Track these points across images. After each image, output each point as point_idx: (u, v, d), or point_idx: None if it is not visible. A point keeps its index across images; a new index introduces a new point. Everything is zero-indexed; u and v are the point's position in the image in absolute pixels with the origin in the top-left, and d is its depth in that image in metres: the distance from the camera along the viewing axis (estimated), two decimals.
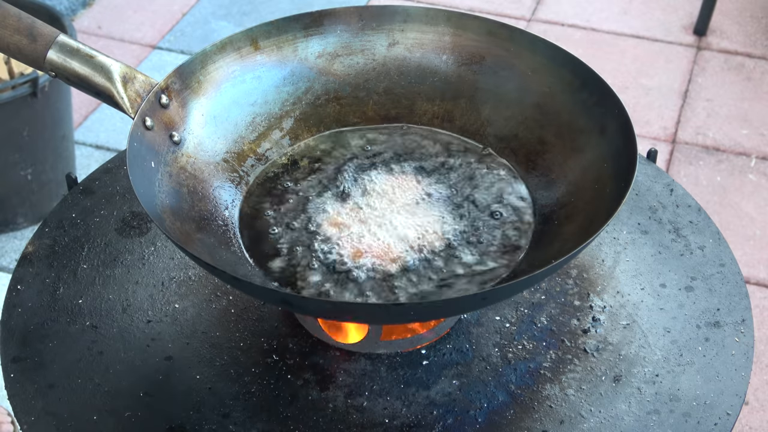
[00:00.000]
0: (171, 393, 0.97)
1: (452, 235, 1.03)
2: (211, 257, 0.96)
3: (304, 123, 1.15)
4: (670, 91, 2.55)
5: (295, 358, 1.01)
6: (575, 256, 0.90)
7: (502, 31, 1.14)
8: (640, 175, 1.22)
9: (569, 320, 1.05)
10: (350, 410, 0.96)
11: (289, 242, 1.02)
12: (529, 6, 2.88)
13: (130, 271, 1.10)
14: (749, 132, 2.43)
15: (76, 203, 1.18)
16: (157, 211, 0.94)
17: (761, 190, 2.26)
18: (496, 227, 1.04)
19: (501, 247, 1.02)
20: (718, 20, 2.80)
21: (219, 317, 1.05)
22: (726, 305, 1.06)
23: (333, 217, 1.05)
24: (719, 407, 0.96)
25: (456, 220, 1.05)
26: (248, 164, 1.10)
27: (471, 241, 1.02)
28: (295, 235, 1.03)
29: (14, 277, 1.09)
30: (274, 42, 1.13)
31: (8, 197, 2.08)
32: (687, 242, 1.14)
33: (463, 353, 1.01)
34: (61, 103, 2.06)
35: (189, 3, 2.88)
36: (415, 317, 0.94)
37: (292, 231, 1.04)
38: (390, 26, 1.17)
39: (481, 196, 1.08)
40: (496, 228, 1.04)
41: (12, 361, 1.00)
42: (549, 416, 0.95)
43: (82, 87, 0.99)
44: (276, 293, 0.91)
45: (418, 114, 1.17)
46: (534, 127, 1.11)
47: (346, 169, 1.11)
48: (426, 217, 1.05)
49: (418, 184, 1.09)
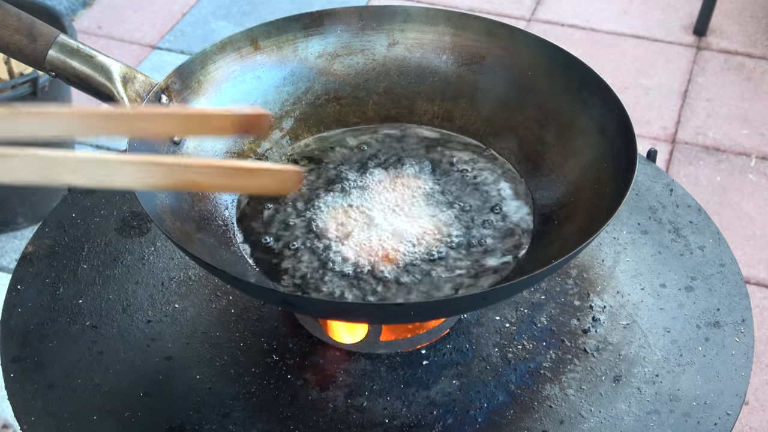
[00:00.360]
0: (171, 393, 0.97)
1: (452, 234, 1.03)
2: (211, 257, 0.96)
3: (304, 123, 1.15)
4: (670, 91, 2.55)
5: (295, 358, 1.00)
6: (575, 256, 0.90)
7: (502, 31, 1.14)
8: (640, 175, 1.22)
9: (569, 320, 1.05)
10: (350, 410, 0.96)
11: (289, 242, 1.02)
12: (529, 6, 2.88)
13: (130, 271, 1.10)
14: (749, 132, 2.43)
15: (76, 203, 1.18)
16: (157, 211, 0.94)
17: (761, 190, 2.26)
18: (496, 227, 1.04)
19: (501, 246, 1.02)
20: (718, 20, 2.80)
21: (219, 317, 1.05)
22: (726, 305, 1.06)
23: (333, 217, 1.05)
24: (719, 407, 0.96)
25: (456, 220, 1.05)
26: None
27: (471, 241, 1.02)
28: (295, 234, 1.03)
29: (14, 277, 1.09)
30: (274, 42, 1.13)
31: (8, 197, 2.08)
32: (687, 242, 1.14)
33: (463, 353, 1.01)
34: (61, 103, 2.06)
35: (189, 3, 2.88)
36: (415, 317, 0.94)
37: (292, 231, 1.04)
38: (390, 26, 1.17)
39: (481, 196, 1.08)
40: (495, 228, 1.04)
41: (12, 361, 1.00)
42: (549, 416, 0.95)
43: (82, 87, 0.99)
44: (276, 293, 0.91)
45: (418, 114, 1.17)
46: (534, 127, 1.11)
47: (346, 168, 1.11)
48: (426, 216, 1.05)
49: (418, 184, 1.09)
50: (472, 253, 1.01)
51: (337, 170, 1.11)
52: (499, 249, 1.02)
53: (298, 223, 1.04)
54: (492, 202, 1.07)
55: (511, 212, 1.06)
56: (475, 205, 1.07)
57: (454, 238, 1.02)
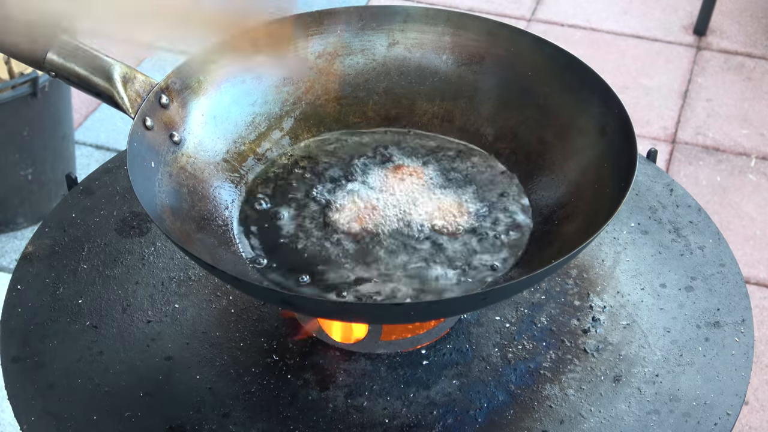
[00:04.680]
0: (171, 393, 0.97)
1: (452, 234, 1.03)
2: (211, 257, 0.96)
3: (304, 123, 1.15)
4: (670, 91, 2.55)
5: (295, 358, 1.00)
6: (575, 256, 0.90)
7: (502, 31, 1.14)
8: (640, 175, 1.22)
9: (569, 320, 1.05)
10: (350, 410, 0.96)
11: (289, 241, 1.02)
12: (529, 6, 2.88)
13: (130, 271, 1.10)
14: (749, 132, 2.43)
15: (76, 203, 1.18)
16: (157, 211, 0.94)
17: (761, 190, 2.26)
18: (496, 227, 1.04)
19: (500, 246, 1.02)
20: (718, 20, 2.80)
21: (219, 317, 1.05)
22: (726, 305, 1.06)
23: (333, 216, 1.05)
24: (719, 407, 0.96)
25: (455, 219, 1.05)
26: (248, 164, 1.10)
27: (471, 240, 1.02)
28: (295, 234, 1.03)
29: (14, 277, 1.09)
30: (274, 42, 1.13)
31: (8, 197, 2.08)
32: (687, 242, 1.14)
33: (463, 353, 1.01)
34: (61, 103, 2.06)
35: None
36: (415, 317, 0.94)
37: (292, 230, 1.04)
38: (390, 26, 1.17)
39: (480, 196, 1.08)
40: (495, 228, 1.04)
41: (12, 361, 1.00)
42: (549, 416, 0.95)
43: (82, 87, 0.99)
44: (276, 293, 0.91)
45: (418, 114, 1.17)
46: (534, 127, 1.11)
47: (346, 168, 1.11)
48: (425, 216, 1.05)
49: (417, 184, 1.09)
50: (472, 252, 1.01)
51: (337, 170, 1.11)
52: (498, 249, 1.02)
53: (298, 223, 1.04)
54: (491, 202, 1.07)
55: (511, 212, 1.06)
56: (475, 204, 1.07)
57: (454, 238, 1.02)
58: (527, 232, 1.04)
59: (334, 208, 1.06)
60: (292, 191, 1.08)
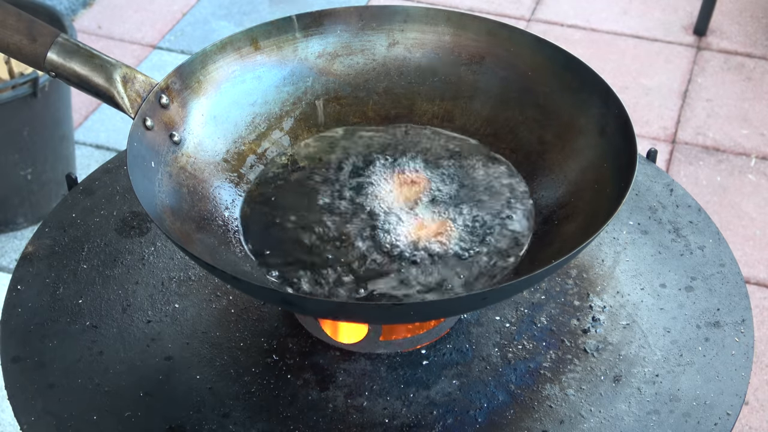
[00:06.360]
0: (171, 393, 0.97)
1: (452, 234, 1.03)
2: (211, 257, 0.96)
3: (304, 123, 1.15)
4: (669, 91, 2.55)
5: (295, 358, 1.01)
6: (575, 256, 0.90)
7: (502, 31, 1.14)
8: (640, 175, 1.22)
9: (569, 320, 1.05)
10: (350, 410, 0.96)
11: (289, 241, 1.02)
12: (529, 6, 2.88)
13: (130, 271, 1.10)
14: (749, 132, 2.43)
15: (76, 203, 1.18)
16: (157, 211, 0.94)
17: (761, 190, 2.26)
18: (496, 227, 1.04)
19: (500, 246, 1.02)
20: (718, 20, 2.80)
21: (219, 317, 1.05)
22: (726, 305, 1.06)
23: (333, 217, 1.05)
24: (719, 407, 0.96)
25: (455, 219, 1.05)
26: (248, 164, 1.10)
27: (470, 240, 1.02)
28: (295, 234, 1.03)
29: (14, 277, 1.09)
30: (274, 42, 1.13)
31: (8, 197, 2.08)
32: (687, 242, 1.14)
33: (463, 353, 1.01)
34: (61, 103, 2.06)
35: (189, 3, 2.88)
36: (415, 317, 0.94)
37: (291, 230, 1.04)
38: (390, 26, 1.17)
39: (480, 196, 1.08)
40: (495, 228, 1.04)
41: (12, 361, 1.00)
42: (549, 416, 0.95)
43: (82, 87, 0.99)
44: (276, 293, 0.91)
45: (418, 114, 1.17)
46: (534, 127, 1.11)
47: (346, 169, 1.11)
48: (425, 216, 1.05)
49: (417, 184, 1.09)
50: (472, 252, 1.01)
51: (337, 170, 1.11)
52: (498, 249, 1.02)
53: (297, 223, 1.04)
54: (491, 202, 1.07)
55: (511, 212, 1.06)
56: (475, 205, 1.07)
57: (454, 238, 1.02)
58: (527, 232, 1.04)
59: (334, 208, 1.06)
60: (291, 191, 1.08)
